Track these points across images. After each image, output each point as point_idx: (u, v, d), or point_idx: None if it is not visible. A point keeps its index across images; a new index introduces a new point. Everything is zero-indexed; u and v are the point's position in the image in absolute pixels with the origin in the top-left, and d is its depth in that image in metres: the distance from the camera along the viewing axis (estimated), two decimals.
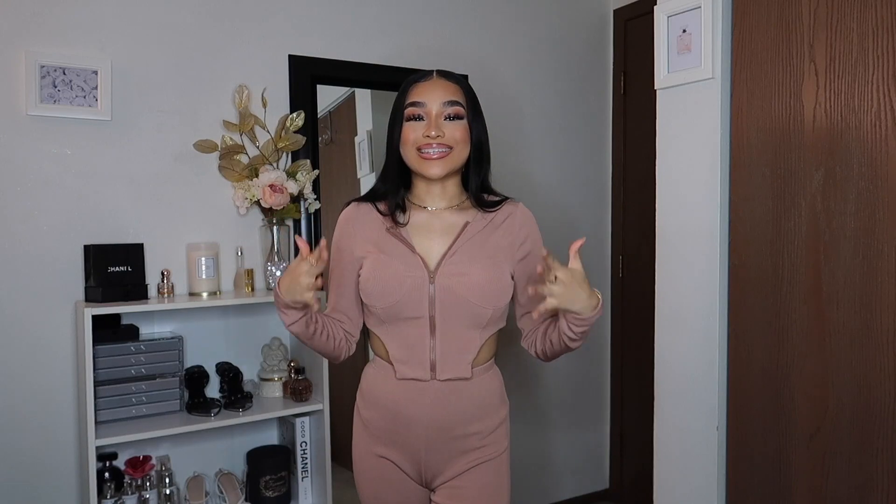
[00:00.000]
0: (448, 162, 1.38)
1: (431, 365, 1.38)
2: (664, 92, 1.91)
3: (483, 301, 1.37)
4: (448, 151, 1.37)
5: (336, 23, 2.45)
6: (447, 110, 1.38)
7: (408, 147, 1.39)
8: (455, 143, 1.38)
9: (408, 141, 1.38)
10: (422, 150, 1.37)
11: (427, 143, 1.36)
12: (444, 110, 1.38)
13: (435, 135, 1.36)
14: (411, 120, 1.39)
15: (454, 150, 1.38)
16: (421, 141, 1.37)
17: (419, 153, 1.37)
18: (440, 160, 1.37)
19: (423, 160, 1.38)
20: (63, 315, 2.04)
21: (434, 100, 1.38)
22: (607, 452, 3.20)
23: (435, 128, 1.36)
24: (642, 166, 2.91)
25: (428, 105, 1.37)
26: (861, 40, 1.49)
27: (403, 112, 1.39)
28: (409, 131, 1.38)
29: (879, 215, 1.47)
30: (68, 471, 2.06)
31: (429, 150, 1.37)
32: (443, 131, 1.36)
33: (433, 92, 1.38)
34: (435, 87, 1.39)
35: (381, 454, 1.44)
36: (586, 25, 3.04)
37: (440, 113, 1.37)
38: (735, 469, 1.78)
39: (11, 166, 1.97)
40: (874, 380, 1.49)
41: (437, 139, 1.36)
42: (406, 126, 1.39)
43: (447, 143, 1.37)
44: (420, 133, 1.37)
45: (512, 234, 1.44)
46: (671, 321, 1.91)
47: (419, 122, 1.38)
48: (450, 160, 1.38)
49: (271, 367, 2.27)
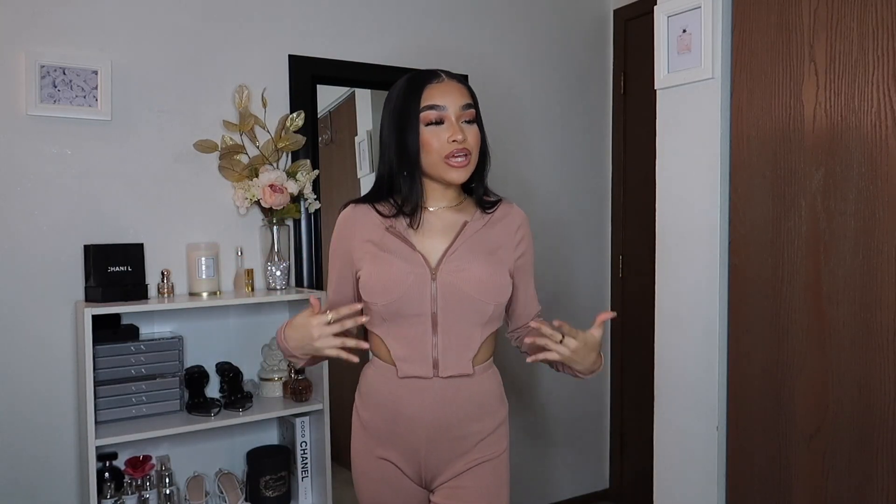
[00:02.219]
0: (470, 167, 1.37)
1: (434, 362, 1.38)
2: (664, 92, 1.91)
3: (485, 296, 1.38)
4: (468, 157, 1.36)
5: (336, 23, 2.45)
6: (465, 114, 1.36)
7: (433, 155, 1.35)
8: (472, 149, 1.37)
9: (432, 148, 1.34)
10: (449, 157, 1.35)
11: (455, 149, 1.34)
12: (462, 114, 1.36)
13: (462, 139, 1.34)
14: (431, 125, 1.35)
15: (471, 155, 1.37)
16: (448, 148, 1.34)
17: (446, 160, 1.35)
18: (466, 167, 1.36)
19: (451, 168, 1.35)
20: (63, 315, 2.04)
21: (453, 103, 1.35)
22: (607, 452, 3.20)
23: (460, 131, 1.34)
24: (642, 166, 2.91)
25: (448, 109, 1.35)
26: (861, 40, 1.49)
27: (419, 115, 1.35)
28: (432, 137, 1.34)
29: (879, 215, 1.47)
30: (68, 470, 2.06)
31: (458, 157, 1.35)
32: (465, 135, 1.35)
33: (450, 95, 1.36)
34: (451, 90, 1.36)
35: (381, 455, 1.44)
36: (586, 25, 3.04)
37: (459, 116, 1.36)
38: (735, 469, 1.78)
39: (11, 166, 1.98)
40: (874, 380, 1.49)
41: (463, 143, 1.35)
42: (426, 131, 1.35)
43: (468, 148, 1.36)
44: (444, 139, 1.34)
45: (509, 233, 1.46)
46: (671, 321, 1.91)
47: (439, 126, 1.35)
48: (471, 165, 1.38)
49: (271, 367, 2.27)
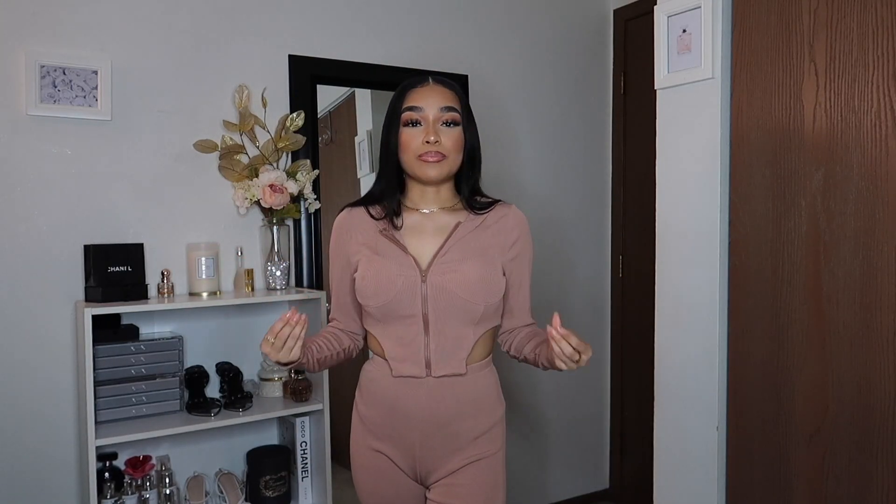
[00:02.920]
0: (444, 167, 1.42)
1: (426, 362, 1.40)
2: (664, 92, 1.91)
3: (474, 297, 1.39)
4: (442, 158, 1.40)
5: (336, 23, 2.45)
6: (444, 116, 1.41)
7: (409, 154, 1.41)
8: (448, 151, 1.41)
9: (409, 148, 1.41)
10: (421, 156, 1.40)
11: (427, 149, 1.39)
12: (441, 116, 1.41)
13: (434, 140, 1.38)
14: (409, 125, 1.41)
15: (448, 158, 1.41)
16: (421, 149, 1.40)
17: (419, 159, 1.40)
18: (436, 163, 1.40)
19: (423, 163, 1.40)
20: (63, 315, 2.04)
21: (431, 105, 1.40)
22: (607, 452, 3.20)
23: (433, 133, 1.39)
24: (642, 166, 2.91)
25: (426, 110, 1.40)
26: (861, 40, 1.49)
27: (400, 116, 1.42)
28: (409, 137, 1.41)
29: (879, 215, 1.47)
30: (68, 470, 2.06)
31: (428, 156, 1.39)
32: (440, 137, 1.39)
33: (430, 97, 1.41)
34: (432, 93, 1.41)
35: (377, 448, 1.46)
36: (586, 25, 3.04)
37: (437, 118, 1.40)
38: (735, 469, 1.78)
39: (11, 166, 1.98)
40: (874, 380, 1.49)
41: (435, 145, 1.39)
42: (404, 131, 1.41)
43: (442, 150, 1.40)
44: (420, 139, 1.39)
45: (503, 234, 1.47)
46: (671, 321, 1.91)
47: (416, 127, 1.41)
48: (444, 165, 1.41)
49: (271, 367, 2.27)
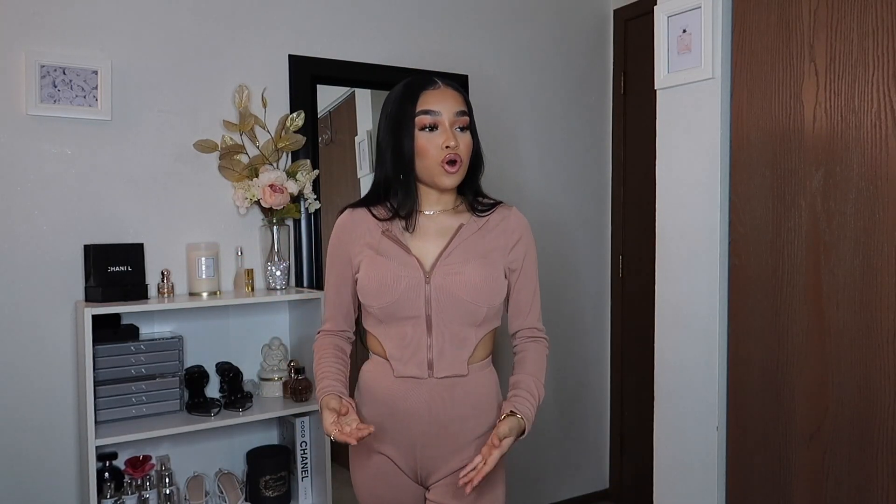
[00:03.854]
0: (461, 173, 1.41)
1: (429, 363, 1.40)
2: (664, 92, 1.91)
3: (477, 299, 1.39)
4: (461, 165, 1.40)
5: (336, 23, 2.45)
6: (458, 121, 1.40)
7: (429, 160, 1.38)
8: (464, 155, 1.40)
9: (427, 153, 1.38)
10: (444, 162, 1.37)
11: (449, 155, 1.37)
12: (455, 120, 1.39)
13: (455, 145, 1.37)
14: (425, 129, 1.39)
15: (463, 163, 1.41)
16: (443, 154, 1.37)
17: (441, 165, 1.38)
18: (457, 173, 1.40)
19: (445, 173, 1.38)
20: (63, 315, 2.04)
21: (448, 109, 1.39)
22: (607, 452, 3.20)
23: (453, 138, 1.37)
24: (642, 166, 2.91)
25: (443, 115, 1.38)
26: (861, 41, 1.49)
27: (414, 120, 1.39)
28: (426, 142, 1.38)
29: (879, 215, 1.47)
30: (68, 470, 2.06)
31: (451, 163, 1.38)
32: (458, 142, 1.38)
33: (445, 101, 1.39)
34: (446, 97, 1.40)
35: (377, 449, 1.45)
36: (586, 25, 3.04)
37: (453, 123, 1.39)
38: (735, 469, 1.78)
39: (11, 166, 1.98)
40: (874, 380, 1.49)
41: (456, 150, 1.38)
42: (420, 136, 1.38)
43: (460, 154, 1.39)
44: (439, 144, 1.37)
45: (505, 236, 1.47)
46: (671, 321, 1.91)
47: (433, 131, 1.38)
48: (461, 171, 1.41)
49: (271, 367, 2.27)
